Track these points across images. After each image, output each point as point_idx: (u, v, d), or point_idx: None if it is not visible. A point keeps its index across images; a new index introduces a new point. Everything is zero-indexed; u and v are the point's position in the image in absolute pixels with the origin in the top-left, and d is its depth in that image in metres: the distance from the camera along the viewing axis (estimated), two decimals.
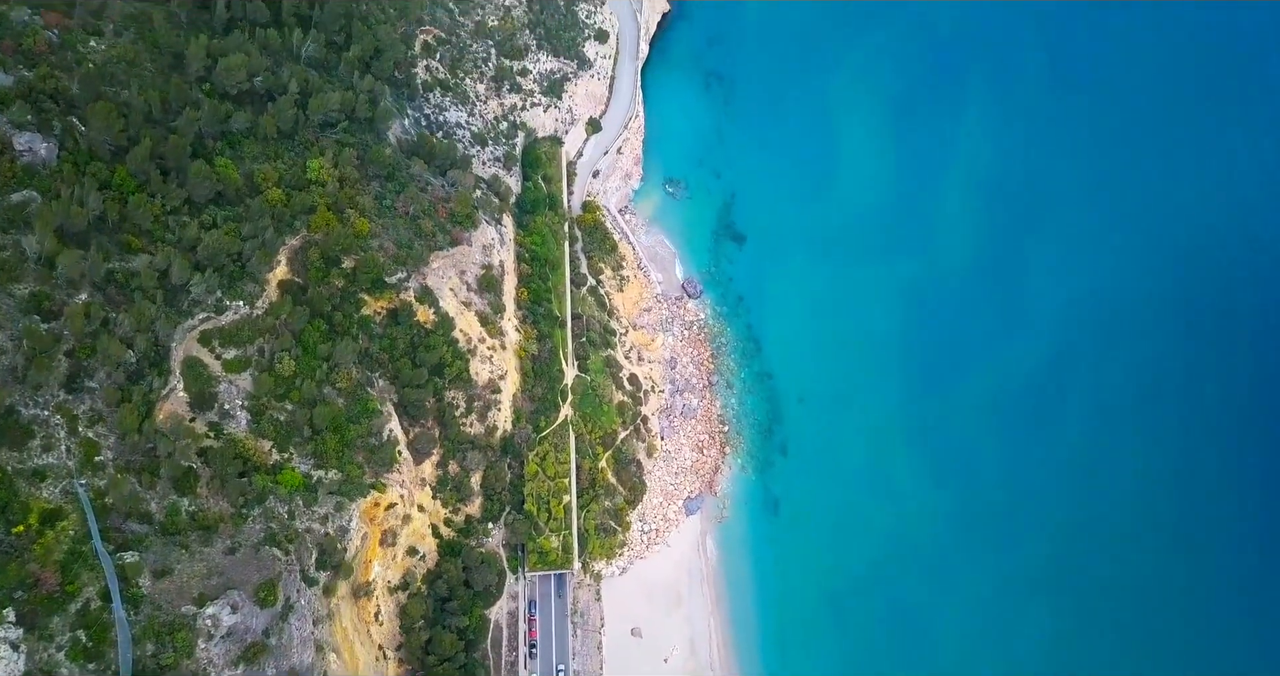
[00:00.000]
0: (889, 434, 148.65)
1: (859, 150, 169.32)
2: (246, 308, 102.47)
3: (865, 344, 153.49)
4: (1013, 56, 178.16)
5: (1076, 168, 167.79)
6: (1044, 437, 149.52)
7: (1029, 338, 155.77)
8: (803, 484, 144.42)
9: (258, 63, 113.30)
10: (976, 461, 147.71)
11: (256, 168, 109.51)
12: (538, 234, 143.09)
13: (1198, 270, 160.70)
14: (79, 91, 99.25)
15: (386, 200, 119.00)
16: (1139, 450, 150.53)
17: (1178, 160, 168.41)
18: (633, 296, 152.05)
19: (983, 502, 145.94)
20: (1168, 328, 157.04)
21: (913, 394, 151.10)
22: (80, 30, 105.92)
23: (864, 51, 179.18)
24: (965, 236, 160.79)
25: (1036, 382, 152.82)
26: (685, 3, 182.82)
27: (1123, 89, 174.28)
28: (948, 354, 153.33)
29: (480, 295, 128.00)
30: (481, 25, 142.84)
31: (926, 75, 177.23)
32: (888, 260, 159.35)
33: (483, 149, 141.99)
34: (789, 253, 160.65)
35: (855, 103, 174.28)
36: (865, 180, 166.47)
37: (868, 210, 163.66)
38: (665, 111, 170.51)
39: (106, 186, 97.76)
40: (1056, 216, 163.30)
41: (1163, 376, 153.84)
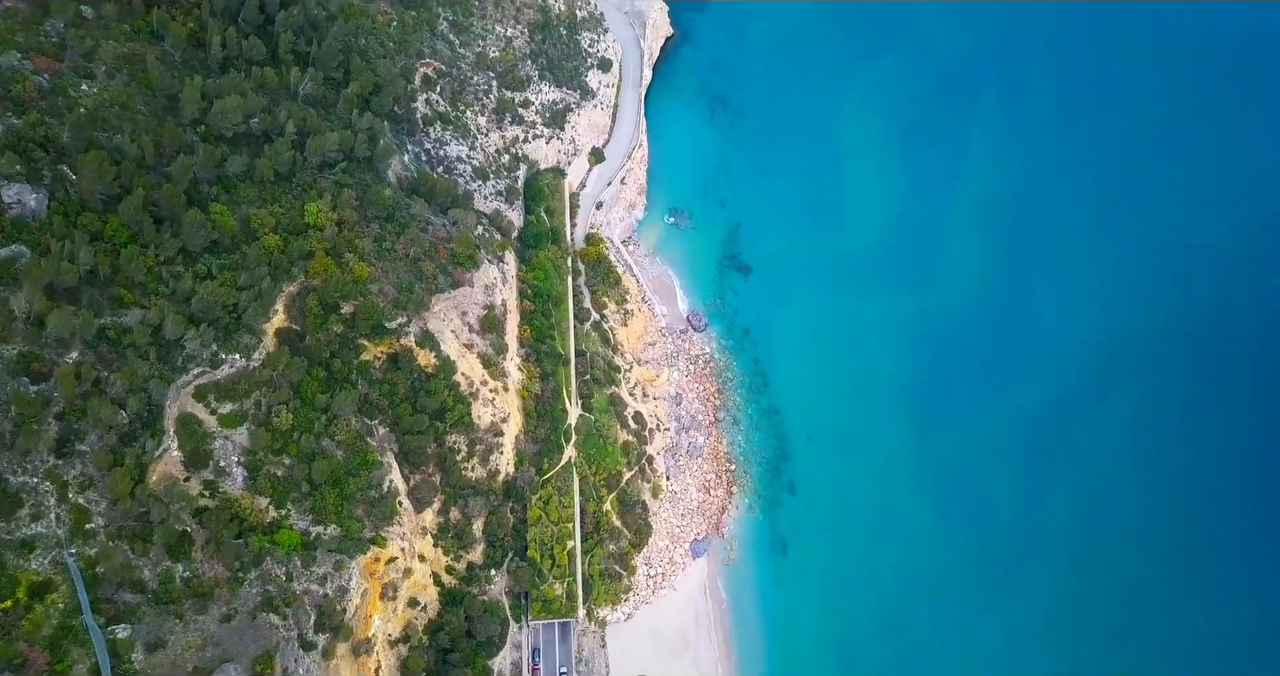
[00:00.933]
0: (897, 471, 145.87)
1: (866, 178, 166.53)
2: (243, 360, 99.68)
3: (873, 378, 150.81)
4: (1021, 83, 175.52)
5: (1086, 197, 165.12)
6: (1054, 475, 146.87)
7: (1039, 372, 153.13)
8: (811, 523, 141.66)
9: (254, 103, 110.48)
10: (986, 500, 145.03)
11: (253, 212, 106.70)
12: (540, 269, 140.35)
13: (1208, 304, 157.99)
14: (70, 140, 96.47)
15: (386, 242, 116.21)
16: (1149, 485, 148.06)
17: (1191, 190, 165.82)
18: (637, 330, 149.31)
19: (993, 542, 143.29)
20: (1176, 361, 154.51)
21: (921, 430, 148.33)
22: (72, 73, 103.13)
23: (870, 76, 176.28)
24: (974, 268, 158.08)
25: (1047, 418, 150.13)
26: (689, 26, 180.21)
27: (1133, 116, 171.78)
28: (956, 388, 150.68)
29: (482, 336, 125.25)
30: (482, 57, 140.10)
31: (934, 102, 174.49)
32: (896, 292, 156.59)
33: (484, 183, 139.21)
34: (795, 284, 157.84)
35: (862, 129, 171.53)
36: (872, 209, 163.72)
37: (875, 240, 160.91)
38: (669, 139, 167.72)
39: (98, 238, 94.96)
40: (1066, 248, 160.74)
41: (1172, 411, 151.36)
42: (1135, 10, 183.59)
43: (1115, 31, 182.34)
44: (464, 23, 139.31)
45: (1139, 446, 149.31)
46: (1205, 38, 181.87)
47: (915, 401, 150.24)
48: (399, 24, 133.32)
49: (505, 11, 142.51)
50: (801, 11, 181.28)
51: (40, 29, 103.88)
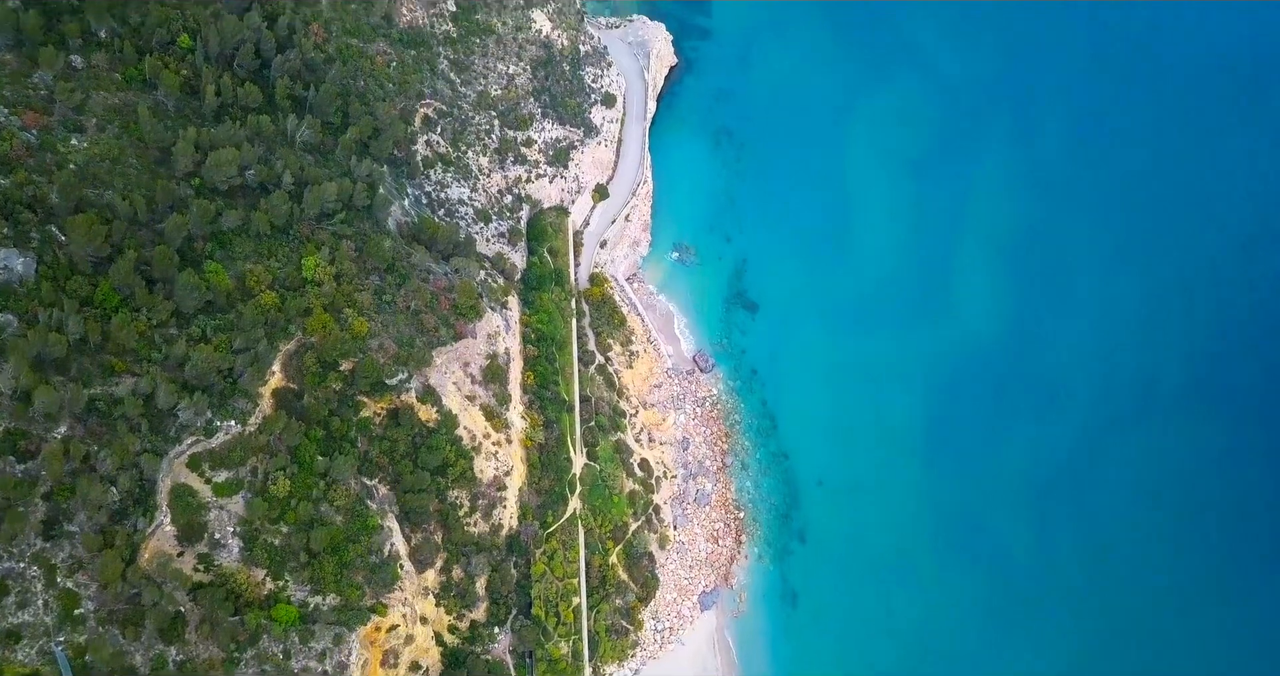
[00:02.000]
0: (910, 516, 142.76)
1: (874, 211, 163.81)
2: (238, 426, 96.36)
3: (884, 419, 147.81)
4: (1030, 112, 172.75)
5: (1098, 230, 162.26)
6: (1071, 517, 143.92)
7: (1052, 411, 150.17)
8: (822, 573, 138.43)
9: (249, 155, 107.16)
10: (1001, 544, 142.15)
11: (248, 269, 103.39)
12: (544, 312, 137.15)
13: (1227, 343, 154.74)
14: (59, 200, 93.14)
15: (387, 295, 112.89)
16: (1167, 529, 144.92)
17: (1208, 220, 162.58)
18: (642, 372, 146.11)
19: (1010, 587, 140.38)
20: (1193, 400, 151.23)
21: (933, 472, 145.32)
22: (61, 128, 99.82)
23: (877, 105, 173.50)
24: (985, 304, 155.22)
25: (1062, 459, 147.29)
26: (693, 55, 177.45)
27: (1146, 145, 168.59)
28: (968, 429, 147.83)
29: (485, 387, 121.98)
30: (484, 96, 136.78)
31: (941, 131, 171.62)
32: (905, 330, 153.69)
33: (486, 225, 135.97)
34: (803, 322, 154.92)
35: (869, 159, 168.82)
36: (881, 244, 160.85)
37: (884, 276, 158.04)
38: (674, 172, 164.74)
39: (88, 303, 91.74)
40: (1078, 283, 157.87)
41: (1198, 456, 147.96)
42: (1147, 36, 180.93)
43: (1126, 59, 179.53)
44: (465, 61, 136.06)
45: (1156, 488, 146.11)
46: (1220, 65, 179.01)
47: (926, 443, 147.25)
48: (398, 64, 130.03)
49: (507, 48, 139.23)
50: (807, 39, 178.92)
51: (28, 82, 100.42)
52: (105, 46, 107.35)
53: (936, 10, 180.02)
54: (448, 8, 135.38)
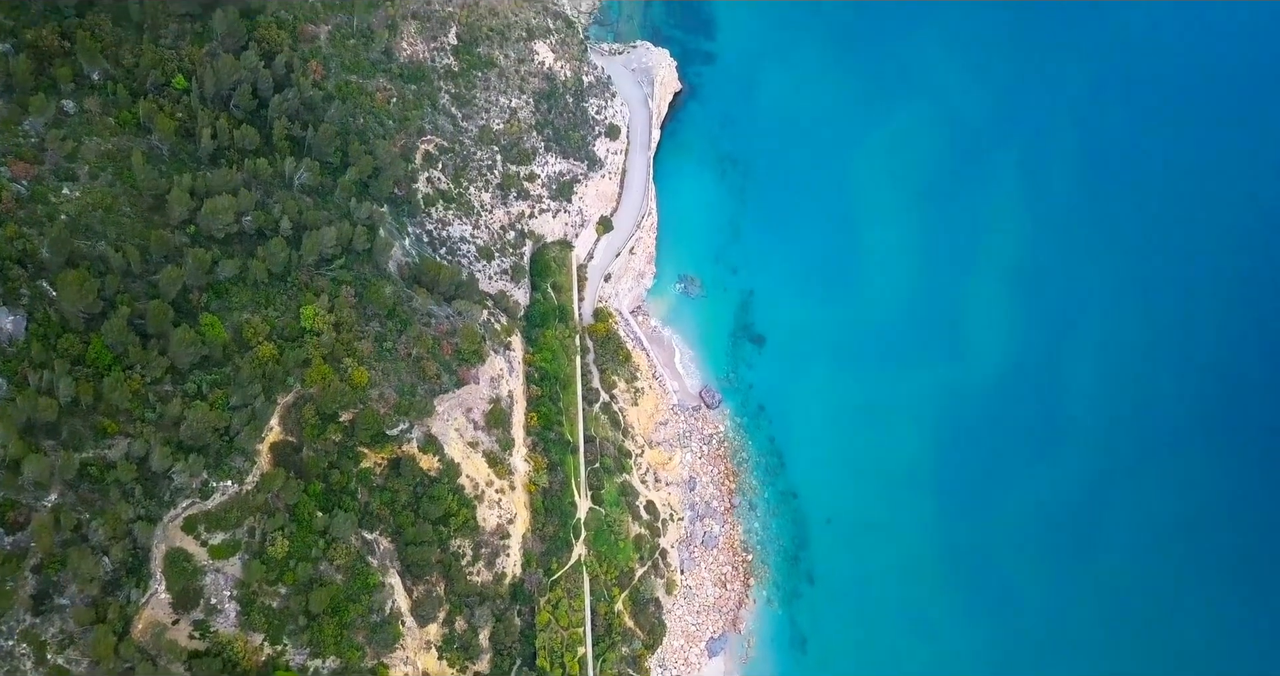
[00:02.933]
0: (920, 558, 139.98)
1: (883, 241, 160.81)
2: (235, 486, 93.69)
3: (894, 457, 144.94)
4: (1041, 140, 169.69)
5: (1114, 262, 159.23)
6: (1085, 564, 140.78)
7: (1067, 450, 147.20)
8: (832, 616, 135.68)
9: (246, 200, 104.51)
10: (1013, 590, 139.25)
11: (246, 319, 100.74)
12: (547, 350, 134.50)
13: (1246, 381, 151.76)
14: (49, 254, 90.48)
15: (387, 342, 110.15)
16: (1189, 579, 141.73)
17: (1228, 254, 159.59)
18: (648, 409, 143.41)
19: (1023, 632, 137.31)
20: (1214, 442, 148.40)
21: (945, 512, 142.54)
22: (52, 177, 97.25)
23: (886, 133, 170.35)
24: (998, 338, 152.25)
25: (1075, 501, 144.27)
26: (697, 80, 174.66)
27: (1158, 175, 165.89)
28: (982, 470, 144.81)
29: (488, 432, 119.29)
30: (486, 130, 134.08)
31: (952, 159, 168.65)
32: (916, 364, 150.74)
33: (488, 263, 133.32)
34: (811, 356, 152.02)
35: (877, 188, 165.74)
36: (889, 276, 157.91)
37: (894, 308, 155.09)
38: (678, 201, 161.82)
39: (80, 361, 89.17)
40: (1092, 319, 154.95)
41: (1213, 496, 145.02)
42: (1159, 63, 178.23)
43: (1140, 84, 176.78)
44: (467, 95, 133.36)
45: (1171, 530, 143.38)
46: (1240, 92, 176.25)
47: (938, 481, 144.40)
48: (398, 100, 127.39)
49: (510, 82, 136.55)
50: (813, 63, 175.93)
51: (18, 129, 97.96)
52: (98, 89, 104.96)
53: (944, 36, 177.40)
54: (449, 41, 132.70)
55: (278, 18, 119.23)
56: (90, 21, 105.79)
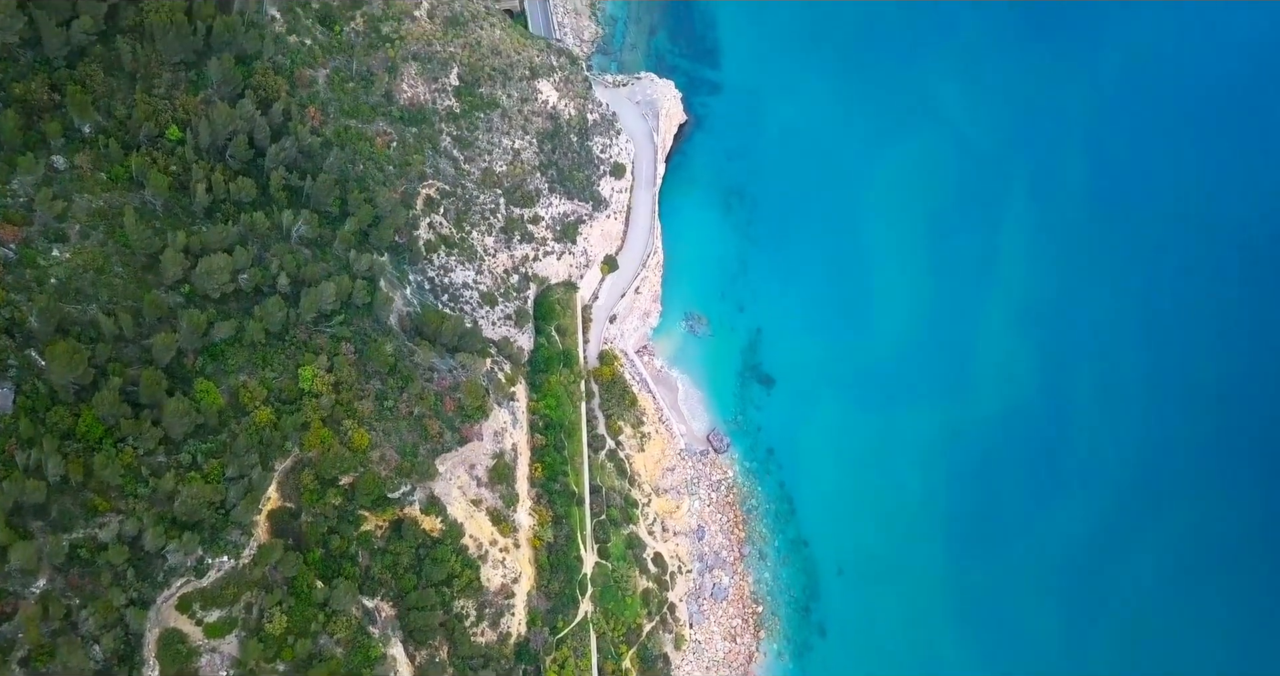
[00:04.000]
0: (934, 607, 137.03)
1: (892, 278, 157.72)
2: (231, 561, 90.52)
3: (906, 502, 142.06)
4: (1052, 171, 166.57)
5: (1128, 297, 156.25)
6: (1104, 610, 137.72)
7: (1083, 493, 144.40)
8: (843, 670, 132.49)
9: (242, 258, 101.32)
10: (1030, 638, 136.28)
11: (242, 382, 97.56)
12: (552, 396, 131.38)
13: (1260, 418, 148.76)
14: (38, 323, 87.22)
15: (389, 400, 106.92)
16: (1204, 619, 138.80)
17: (1241, 284, 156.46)
18: (654, 455, 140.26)
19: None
20: (1236, 481, 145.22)
21: (959, 558, 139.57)
22: (41, 238, 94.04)
23: (894, 165, 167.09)
24: (1011, 378, 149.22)
25: (1093, 543, 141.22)
26: (703, 111, 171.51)
27: (1171, 206, 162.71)
28: (995, 512, 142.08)
29: (491, 489, 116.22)
30: (489, 173, 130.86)
31: (961, 191, 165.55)
32: (927, 405, 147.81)
33: (492, 308, 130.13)
34: (820, 396, 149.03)
35: (886, 224, 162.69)
36: (900, 312, 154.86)
37: (904, 348, 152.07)
38: (684, 237, 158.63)
39: (70, 435, 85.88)
40: (1108, 354, 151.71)
41: (1225, 537, 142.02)
42: (1171, 86, 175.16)
43: (1149, 108, 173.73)
44: (469, 137, 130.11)
45: (1191, 571, 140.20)
46: (1251, 113, 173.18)
47: (951, 527, 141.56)
48: (399, 144, 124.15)
49: (513, 122, 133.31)
50: (820, 93, 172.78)
51: (6, 189, 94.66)
52: (90, 143, 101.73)
53: (952, 63, 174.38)
54: (450, 82, 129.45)
55: (275, 62, 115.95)
56: (81, 72, 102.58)
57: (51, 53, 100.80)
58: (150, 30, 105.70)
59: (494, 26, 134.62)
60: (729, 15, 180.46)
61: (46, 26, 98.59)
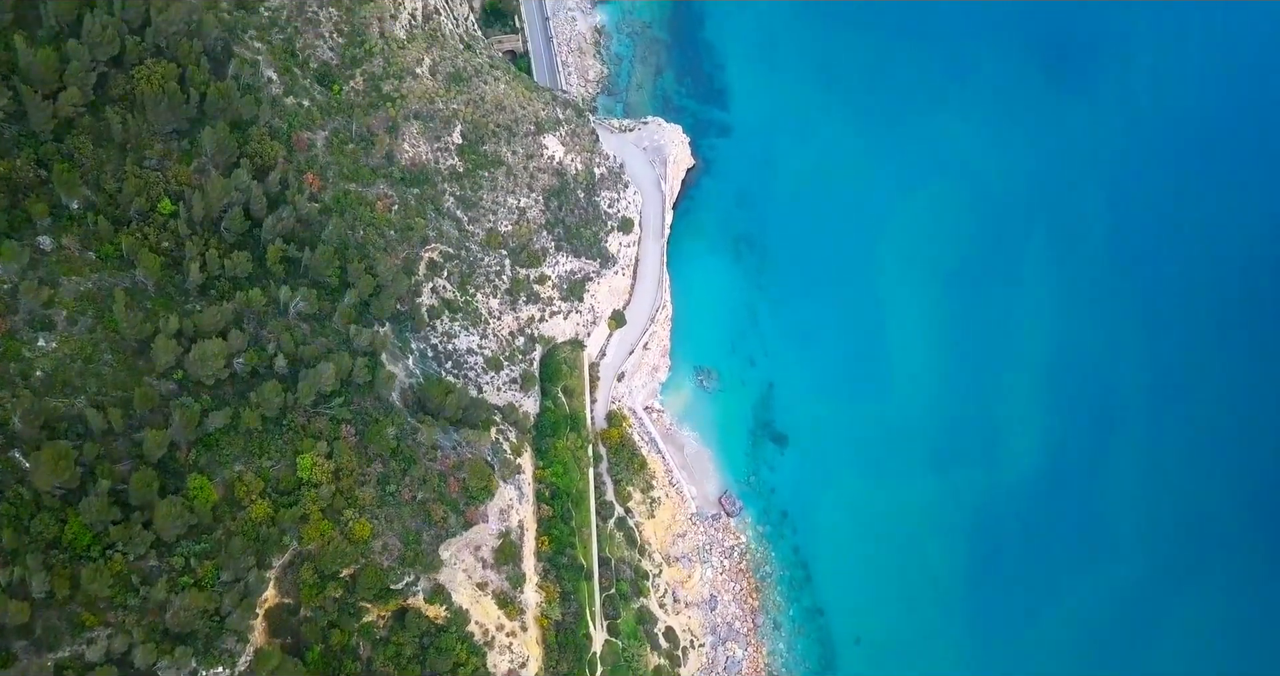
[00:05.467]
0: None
1: (908, 331, 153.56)
2: (226, 671, 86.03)
3: (925, 569, 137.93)
4: (1072, 220, 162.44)
5: (1153, 354, 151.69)
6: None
7: (1106, 561, 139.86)
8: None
9: (237, 342, 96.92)
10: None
11: (238, 474, 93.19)
12: (559, 463, 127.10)
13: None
14: (22, 425, 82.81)
15: (390, 485, 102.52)
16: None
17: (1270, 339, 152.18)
18: (665, 520, 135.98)
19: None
20: (1263, 551, 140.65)
21: (979, 631, 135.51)
22: (26, 328, 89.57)
23: (909, 211, 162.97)
24: (1033, 440, 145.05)
25: (1118, 616, 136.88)
26: (711, 154, 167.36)
27: (1204, 259, 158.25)
28: (1017, 582, 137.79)
29: (497, 570, 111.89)
30: (493, 234, 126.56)
31: (979, 239, 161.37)
32: (947, 466, 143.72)
33: (497, 373, 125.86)
34: (835, 456, 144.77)
35: (901, 273, 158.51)
36: (916, 367, 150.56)
37: (922, 403, 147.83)
38: (693, 287, 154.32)
39: (56, 544, 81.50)
40: (1132, 415, 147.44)
41: (1267, 606, 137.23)
42: (1195, 136, 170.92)
43: (1174, 158, 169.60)
44: (473, 197, 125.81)
45: (1226, 644, 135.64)
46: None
47: (973, 596, 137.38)
48: (400, 207, 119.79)
49: (518, 180, 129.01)
50: (832, 135, 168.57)
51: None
52: (77, 220, 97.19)
53: (969, 107, 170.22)
54: (453, 140, 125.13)
55: (271, 126, 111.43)
56: (69, 145, 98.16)
57: (37, 127, 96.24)
58: (141, 99, 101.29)
59: (498, 80, 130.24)
60: (738, 55, 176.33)
61: (31, 100, 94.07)
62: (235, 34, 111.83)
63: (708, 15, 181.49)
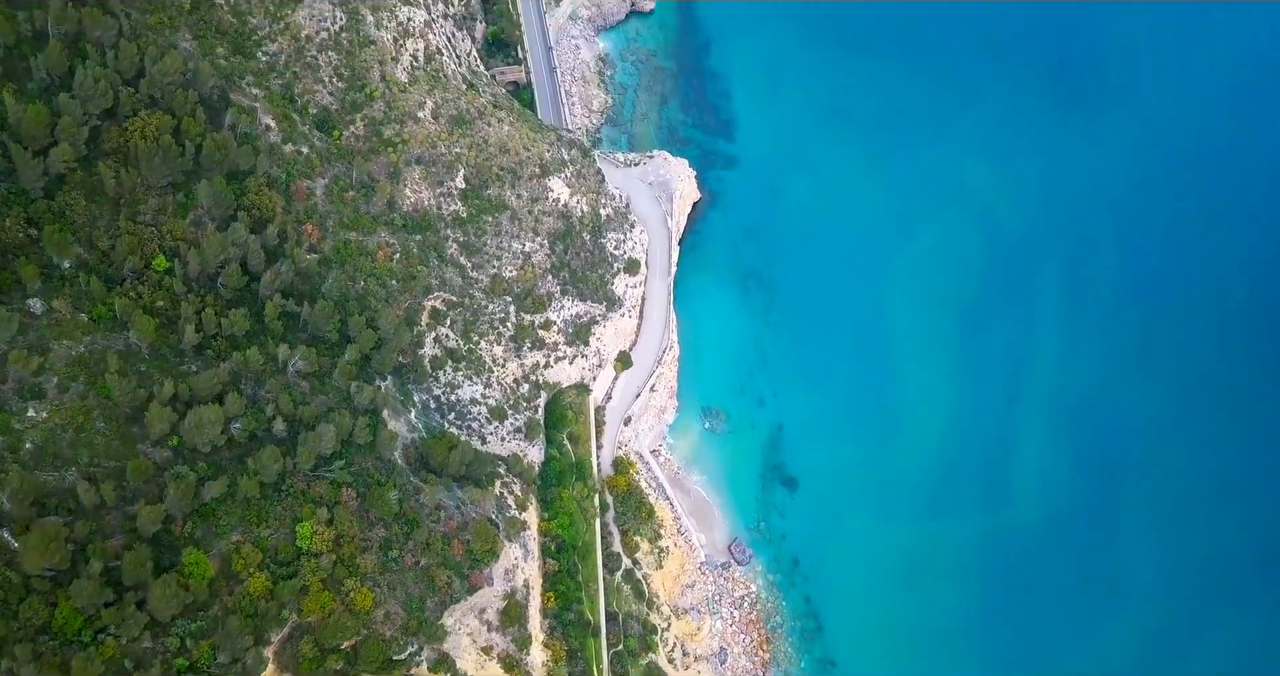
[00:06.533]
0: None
1: (920, 370, 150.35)
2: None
3: (941, 620, 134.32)
4: (1088, 256, 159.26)
5: (1167, 394, 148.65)
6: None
7: (1125, 608, 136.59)
8: None
9: (234, 405, 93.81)
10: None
11: (235, 545, 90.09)
12: (565, 514, 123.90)
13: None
14: (10, 505, 79.62)
15: (393, 551, 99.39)
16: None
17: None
18: (673, 571, 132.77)
19: None
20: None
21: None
22: (15, 396, 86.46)
23: (920, 245, 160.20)
24: (1051, 485, 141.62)
25: (1139, 666, 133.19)
26: (717, 186, 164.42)
27: (1217, 293, 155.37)
28: (1035, 633, 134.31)
29: (503, 633, 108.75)
30: (497, 280, 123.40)
31: (990, 274, 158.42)
32: (961, 510, 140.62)
33: (501, 423, 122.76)
34: (848, 501, 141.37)
35: (913, 309, 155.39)
36: (929, 408, 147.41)
37: (935, 447, 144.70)
38: (700, 324, 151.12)
39: (45, 629, 78.32)
40: (1149, 457, 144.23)
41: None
42: (1208, 165, 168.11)
43: (1186, 188, 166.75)
44: (476, 243, 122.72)
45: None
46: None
47: (988, 645, 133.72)
48: (402, 255, 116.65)
49: (523, 224, 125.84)
50: (841, 168, 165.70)
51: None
52: (69, 281, 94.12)
53: (979, 138, 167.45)
54: (456, 185, 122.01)
55: (269, 175, 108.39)
56: (61, 202, 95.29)
57: (27, 184, 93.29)
58: (135, 153, 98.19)
59: (502, 122, 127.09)
60: (744, 83, 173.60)
61: (21, 158, 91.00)
62: (232, 80, 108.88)
63: (713, 43, 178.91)
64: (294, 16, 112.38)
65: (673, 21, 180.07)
